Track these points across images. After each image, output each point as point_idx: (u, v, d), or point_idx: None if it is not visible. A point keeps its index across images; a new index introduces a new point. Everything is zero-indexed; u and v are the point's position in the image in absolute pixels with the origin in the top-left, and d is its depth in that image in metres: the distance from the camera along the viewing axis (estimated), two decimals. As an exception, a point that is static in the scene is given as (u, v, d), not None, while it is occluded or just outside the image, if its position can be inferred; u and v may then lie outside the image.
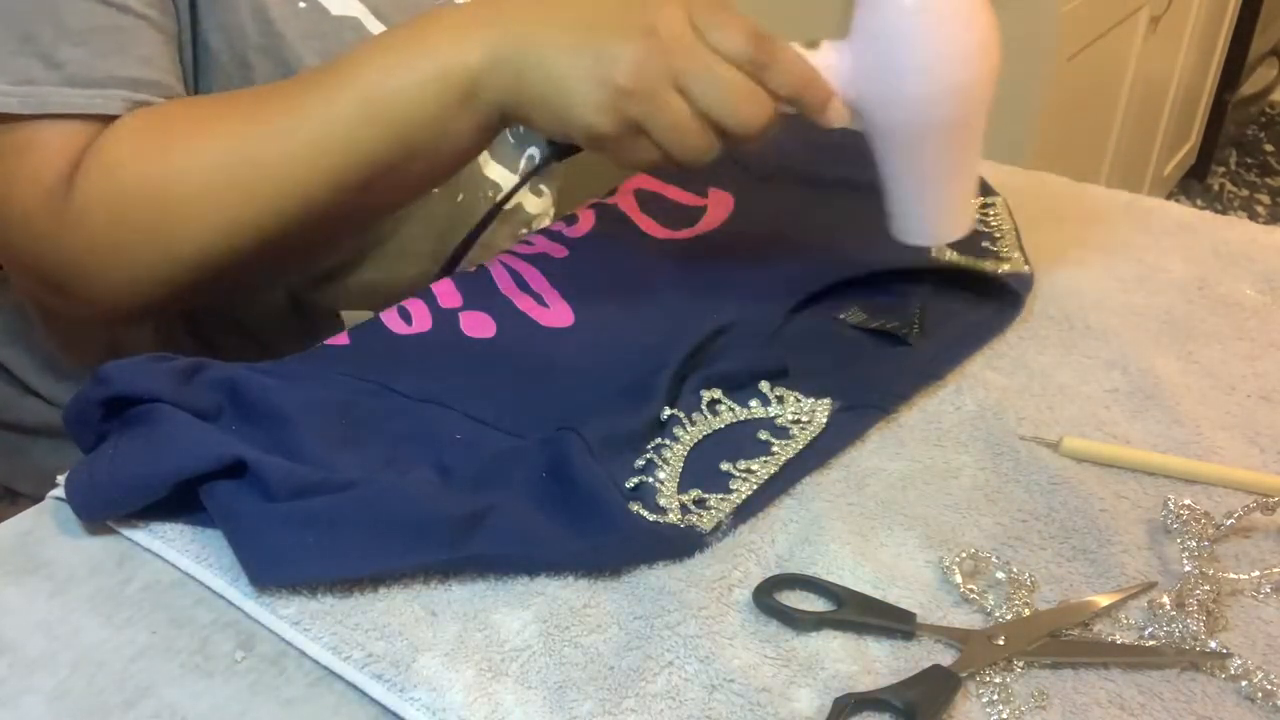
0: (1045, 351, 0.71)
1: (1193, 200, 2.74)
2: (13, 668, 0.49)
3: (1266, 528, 0.58)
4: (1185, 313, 0.75)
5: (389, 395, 0.63)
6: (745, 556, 0.55)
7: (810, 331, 0.71)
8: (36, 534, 0.55)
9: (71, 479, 0.55)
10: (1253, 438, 0.64)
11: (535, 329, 0.69)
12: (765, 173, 0.86)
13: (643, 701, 0.48)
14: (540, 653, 0.49)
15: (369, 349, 0.66)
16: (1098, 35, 1.71)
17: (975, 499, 0.59)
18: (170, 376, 0.58)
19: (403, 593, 0.52)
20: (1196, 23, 2.22)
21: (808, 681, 0.49)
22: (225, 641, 0.50)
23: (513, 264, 0.74)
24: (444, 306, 0.70)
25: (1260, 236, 0.83)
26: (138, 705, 0.47)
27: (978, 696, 0.49)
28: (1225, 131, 2.70)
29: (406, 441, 0.59)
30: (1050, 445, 0.63)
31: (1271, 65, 2.90)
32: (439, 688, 0.48)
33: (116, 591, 0.52)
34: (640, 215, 0.80)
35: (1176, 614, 0.52)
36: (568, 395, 0.64)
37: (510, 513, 0.54)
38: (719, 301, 0.71)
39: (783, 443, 0.61)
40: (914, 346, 0.69)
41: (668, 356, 0.65)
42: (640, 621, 0.51)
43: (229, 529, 0.53)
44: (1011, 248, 0.78)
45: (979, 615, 0.53)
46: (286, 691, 0.48)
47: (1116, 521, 0.58)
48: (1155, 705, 0.49)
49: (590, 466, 0.56)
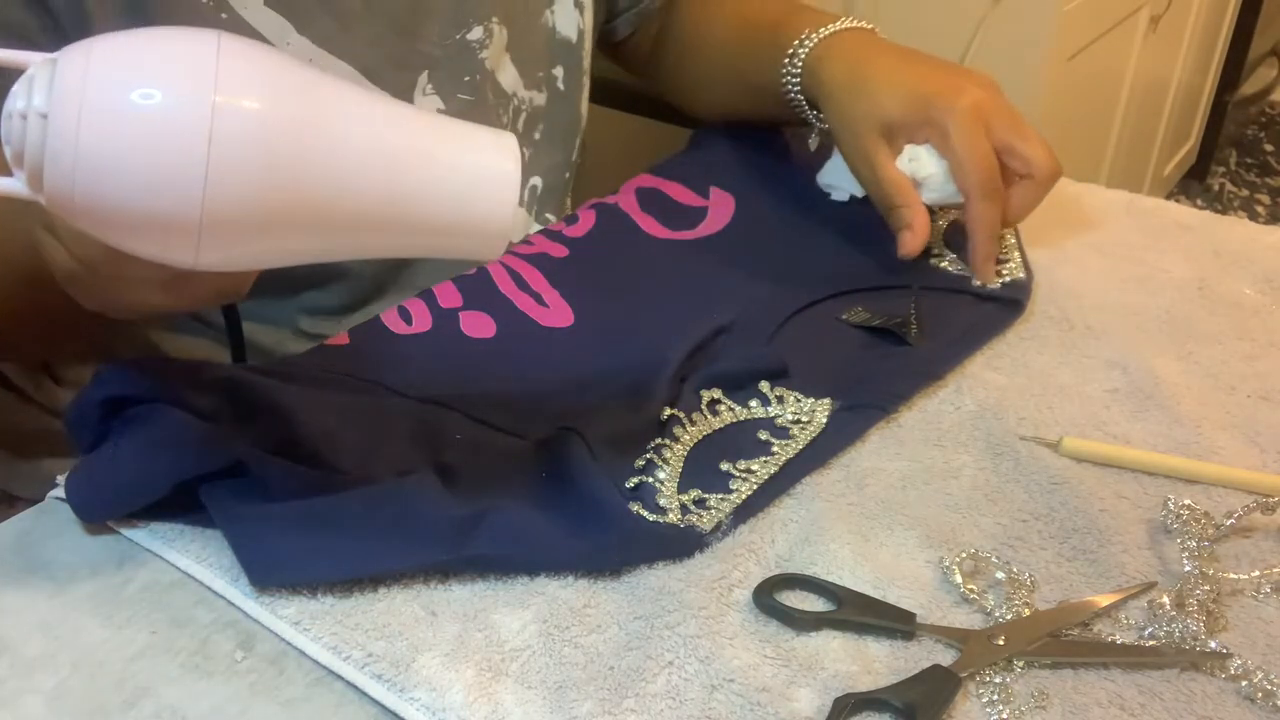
0: (1045, 351, 0.71)
1: (1193, 200, 2.74)
2: (13, 668, 0.49)
3: (1266, 528, 0.58)
4: (1185, 313, 0.74)
5: (389, 395, 0.63)
6: (745, 556, 0.55)
7: (810, 331, 0.71)
8: (36, 534, 0.55)
9: (71, 479, 0.55)
10: (1253, 438, 0.64)
11: (535, 329, 0.69)
12: (768, 174, 0.86)
13: (643, 701, 0.48)
14: (540, 653, 0.49)
15: (369, 349, 0.66)
16: (1098, 35, 1.71)
17: (975, 499, 0.59)
18: (170, 377, 0.57)
19: (403, 593, 0.52)
20: (1196, 23, 2.22)
21: (808, 681, 0.49)
22: (225, 641, 0.50)
23: (512, 264, 0.74)
24: (444, 306, 0.70)
25: (1260, 236, 0.83)
26: (138, 705, 0.47)
27: (978, 696, 0.49)
28: (1225, 131, 2.69)
29: (406, 441, 0.59)
30: (1050, 445, 0.63)
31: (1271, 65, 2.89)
32: (439, 688, 0.48)
33: (116, 591, 0.52)
34: (641, 215, 0.80)
35: (1176, 614, 0.52)
36: (568, 395, 0.64)
37: (510, 513, 0.54)
38: (719, 301, 0.71)
39: (783, 443, 0.61)
40: (914, 346, 0.69)
41: (668, 356, 0.65)
42: (640, 621, 0.51)
43: (229, 529, 0.53)
44: (1011, 249, 0.78)
45: (979, 615, 0.53)
46: (286, 691, 0.48)
47: (1116, 521, 0.58)
48: (1155, 705, 0.49)
49: (590, 466, 0.56)
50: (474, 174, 0.46)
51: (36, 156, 0.42)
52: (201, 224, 0.42)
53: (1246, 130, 3.06)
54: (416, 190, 0.45)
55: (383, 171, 0.45)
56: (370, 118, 0.45)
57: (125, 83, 0.41)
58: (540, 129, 0.85)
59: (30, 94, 0.41)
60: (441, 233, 0.47)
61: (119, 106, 0.41)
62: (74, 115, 0.41)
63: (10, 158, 0.43)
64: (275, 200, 0.43)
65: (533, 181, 0.87)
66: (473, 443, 0.60)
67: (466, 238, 0.47)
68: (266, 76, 0.43)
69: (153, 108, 0.41)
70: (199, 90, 0.41)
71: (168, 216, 0.42)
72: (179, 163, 0.41)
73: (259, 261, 0.46)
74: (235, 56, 0.42)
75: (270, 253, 0.45)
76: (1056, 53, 1.57)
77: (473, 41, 0.79)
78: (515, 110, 0.83)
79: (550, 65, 0.85)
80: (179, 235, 0.42)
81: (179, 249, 0.43)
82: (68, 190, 0.41)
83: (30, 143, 0.42)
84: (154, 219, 0.42)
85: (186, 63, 0.42)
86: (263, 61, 0.43)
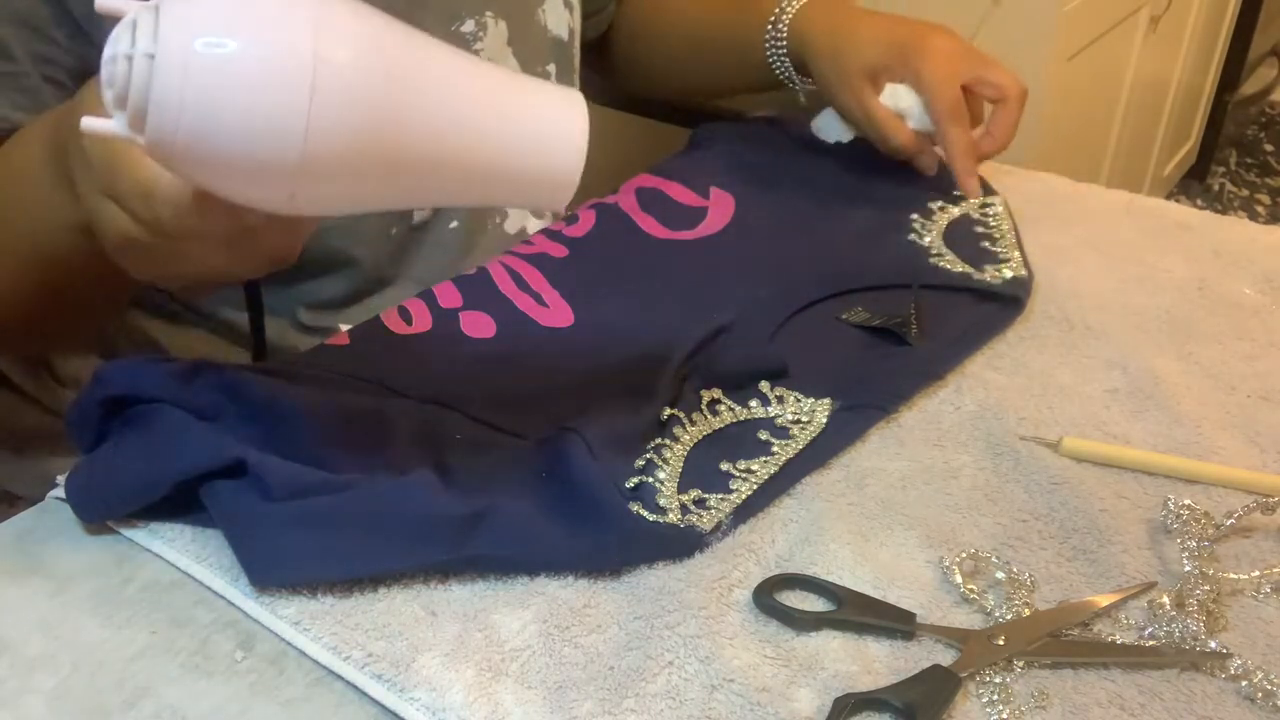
0: (1045, 351, 0.70)
1: (1193, 200, 2.73)
2: (13, 668, 0.49)
3: (1266, 528, 0.58)
4: (1185, 313, 0.74)
5: (389, 395, 0.63)
6: (745, 556, 0.55)
7: (810, 331, 0.71)
8: (36, 534, 0.55)
9: (71, 479, 0.55)
10: (1253, 438, 0.64)
11: (535, 329, 0.69)
12: (768, 173, 0.86)
13: (643, 701, 0.48)
14: (540, 653, 0.49)
15: (369, 349, 0.66)
16: (1098, 35, 1.71)
17: (975, 499, 0.59)
18: (170, 377, 0.58)
19: (403, 593, 0.52)
20: (1196, 23, 2.21)
21: (808, 681, 0.49)
22: (225, 641, 0.50)
23: (512, 264, 0.74)
24: (444, 306, 0.70)
25: (1260, 236, 0.83)
26: (138, 705, 0.47)
27: (978, 696, 0.49)
28: (1225, 131, 2.69)
29: (406, 441, 0.59)
30: (1050, 445, 0.63)
31: (1271, 65, 2.89)
32: (439, 688, 0.48)
33: (116, 591, 0.52)
34: (641, 215, 0.80)
35: (1176, 614, 0.52)
36: (568, 395, 0.64)
37: (510, 513, 0.54)
38: (719, 302, 0.71)
39: (783, 443, 0.61)
40: (914, 346, 0.69)
41: (668, 356, 0.65)
42: (640, 621, 0.51)
43: (229, 529, 0.53)
44: (1011, 248, 0.78)
45: (979, 615, 0.53)
46: (286, 691, 0.48)
47: (1116, 521, 0.58)
48: (1155, 705, 0.49)
49: (590, 466, 0.56)
50: (548, 126, 0.49)
51: (140, 98, 0.43)
52: (301, 167, 0.44)
53: (1246, 130, 3.06)
54: (497, 141, 0.48)
55: (468, 123, 0.47)
56: (458, 72, 0.48)
57: (231, 29, 0.42)
58: None
59: (135, 37, 0.42)
60: (515, 180, 0.49)
61: (225, 51, 0.42)
62: (181, 58, 0.42)
63: (111, 100, 0.44)
64: (369, 147, 0.45)
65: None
66: (473, 443, 0.60)
67: (539, 186, 0.50)
68: (365, 29, 0.45)
69: (258, 55, 0.42)
70: (302, 39, 0.43)
71: (268, 160, 0.43)
72: (282, 110, 0.42)
73: (348, 204, 0.48)
74: (336, 8, 0.44)
75: (360, 195, 0.47)
76: (1056, 53, 1.57)
77: (465, 34, 0.79)
78: None
79: (545, 62, 0.86)
80: (277, 178, 0.44)
81: (276, 191, 0.45)
82: (171, 132, 0.43)
83: (135, 85, 0.42)
84: (254, 162, 0.43)
85: (291, 11, 0.43)
86: (361, 14, 0.45)
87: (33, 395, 0.86)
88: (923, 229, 0.80)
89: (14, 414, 0.87)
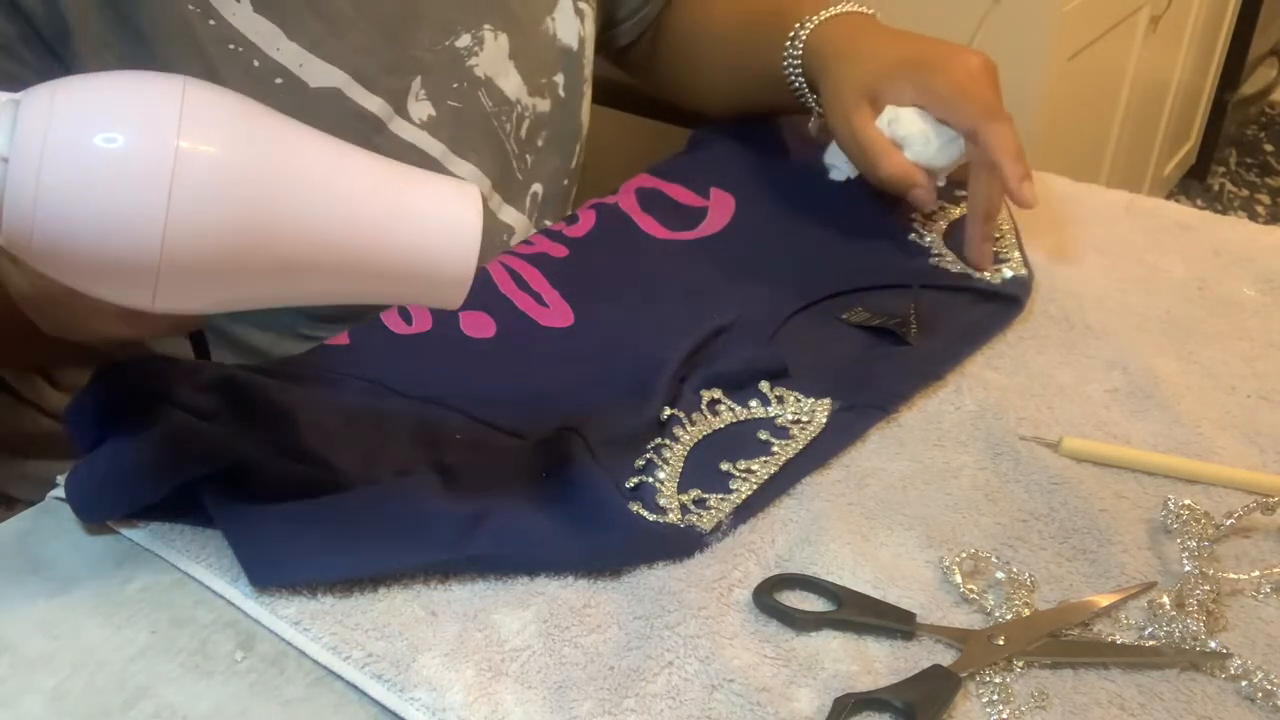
0: (1045, 351, 0.70)
1: (1193, 200, 2.73)
2: (13, 668, 0.49)
3: (1266, 528, 0.58)
4: (1185, 313, 0.74)
5: (389, 395, 0.63)
6: (745, 556, 0.55)
7: (810, 331, 0.71)
8: (36, 534, 0.55)
9: (71, 480, 0.55)
10: (1253, 438, 0.64)
11: (535, 329, 0.69)
12: (767, 173, 0.86)
13: (643, 701, 0.48)
14: (540, 653, 0.49)
15: (369, 349, 0.66)
16: (1098, 35, 1.71)
17: (975, 499, 0.59)
18: (170, 377, 0.58)
19: (403, 593, 0.52)
20: (1196, 23, 2.21)
21: (808, 681, 0.49)
22: (225, 641, 0.50)
23: (512, 264, 0.74)
24: (444, 306, 0.70)
25: (1260, 236, 0.83)
26: (138, 705, 0.47)
27: (978, 696, 0.49)
28: (1225, 131, 2.69)
29: (407, 441, 0.59)
30: (1050, 445, 0.63)
31: (1271, 65, 2.89)
32: (439, 688, 0.48)
33: (116, 591, 0.52)
34: (641, 215, 0.80)
35: (1176, 614, 0.52)
36: (568, 395, 0.64)
37: (510, 513, 0.54)
38: (719, 301, 0.71)
39: (783, 443, 0.61)
40: (914, 346, 0.69)
41: (668, 356, 0.65)
42: (640, 621, 0.51)
43: (229, 529, 0.53)
44: (1011, 247, 0.78)
45: (979, 615, 0.53)
46: (286, 691, 0.48)
47: (1116, 521, 0.58)
48: (1155, 705, 0.49)
49: (590, 466, 0.56)
50: (436, 223, 0.46)
51: None
52: (160, 269, 0.41)
53: (1246, 130, 3.05)
54: (381, 239, 0.45)
55: (344, 221, 0.44)
56: (333, 168, 0.45)
57: (88, 127, 0.40)
58: (543, 136, 0.85)
59: None
60: (402, 280, 0.47)
61: (81, 151, 0.40)
62: (35, 159, 0.40)
63: None
64: (235, 247, 0.42)
65: (534, 188, 0.87)
66: (473, 443, 0.60)
67: (428, 285, 0.47)
68: (231, 123, 0.43)
69: (115, 153, 0.40)
70: (162, 136, 0.41)
71: (126, 261, 0.41)
72: (140, 209, 0.40)
73: (216, 305, 0.46)
74: (200, 103, 0.42)
75: (228, 298, 0.45)
76: (1056, 53, 1.57)
77: (460, 49, 0.78)
78: (518, 117, 0.83)
79: (552, 72, 0.85)
80: (137, 279, 0.42)
81: (136, 293, 0.43)
82: (26, 233, 0.41)
83: None
84: (112, 263, 0.41)
85: (151, 108, 0.41)
86: (228, 108, 0.43)
87: (29, 399, 0.86)
88: (923, 229, 0.80)
89: (12, 418, 0.87)
